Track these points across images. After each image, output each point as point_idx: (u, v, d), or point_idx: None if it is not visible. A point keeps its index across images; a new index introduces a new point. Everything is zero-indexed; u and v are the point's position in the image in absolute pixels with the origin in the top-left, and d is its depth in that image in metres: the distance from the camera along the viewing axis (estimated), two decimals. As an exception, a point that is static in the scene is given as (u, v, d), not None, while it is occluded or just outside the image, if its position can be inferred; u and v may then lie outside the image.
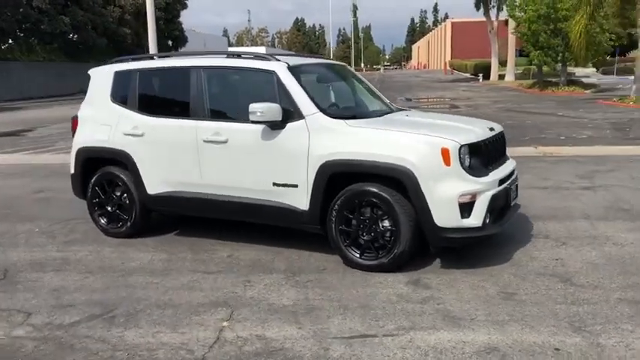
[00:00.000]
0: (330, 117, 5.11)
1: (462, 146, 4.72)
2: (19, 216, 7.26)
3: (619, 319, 3.92)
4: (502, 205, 5.08)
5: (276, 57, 5.54)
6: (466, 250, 5.26)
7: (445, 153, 4.66)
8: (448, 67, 63.78)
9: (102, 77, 6.30)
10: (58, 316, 4.27)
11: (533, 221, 6.28)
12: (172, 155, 5.68)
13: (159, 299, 4.52)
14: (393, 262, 4.85)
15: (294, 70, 5.34)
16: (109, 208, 6.16)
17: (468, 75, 54.45)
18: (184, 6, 54.31)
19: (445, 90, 34.71)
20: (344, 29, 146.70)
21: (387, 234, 4.84)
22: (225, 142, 5.37)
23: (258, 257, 5.42)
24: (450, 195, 4.64)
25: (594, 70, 47.86)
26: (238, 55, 5.73)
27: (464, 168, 4.72)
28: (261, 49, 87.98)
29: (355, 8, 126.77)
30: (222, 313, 4.22)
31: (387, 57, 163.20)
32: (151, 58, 6.25)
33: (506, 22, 42.50)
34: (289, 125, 5.11)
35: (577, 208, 6.84)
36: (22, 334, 3.99)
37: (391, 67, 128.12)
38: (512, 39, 41.14)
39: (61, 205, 7.76)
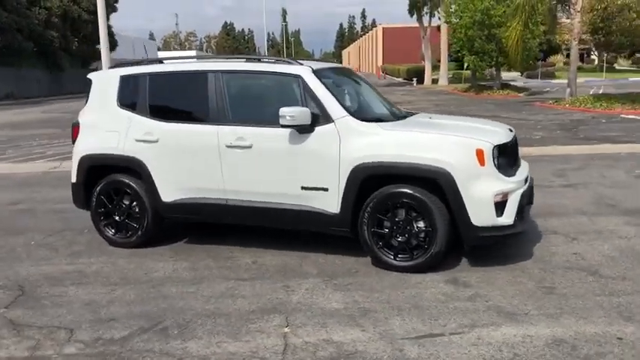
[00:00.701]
0: (359, 120, 5.14)
1: (494, 147, 4.87)
2: (6, 229, 6.86)
3: (660, 307, 4.17)
4: (524, 204, 5.27)
5: (299, 61, 5.53)
6: (486, 248, 5.39)
7: (480, 154, 4.80)
8: (381, 72, 65.00)
9: (105, 82, 6.07)
10: (104, 330, 4.09)
11: (533, 218, 6.52)
12: (191, 161, 5.55)
13: (204, 309, 4.41)
14: (428, 263, 4.94)
15: (318, 74, 5.35)
16: (117, 218, 5.94)
17: (400, 79, 55.68)
18: (114, 9, 52.72)
19: (384, 94, 35.24)
20: (273, 33, 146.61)
21: (422, 235, 4.92)
22: (249, 146, 5.30)
23: (284, 262, 5.38)
24: (486, 194, 4.78)
25: (519, 74, 50.09)
26: (258, 60, 5.67)
27: (496, 168, 4.87)
28: (191, 54, 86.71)
29: (285, 13, 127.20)
30: (277, 320, 4.17)
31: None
32: (160, 62, 6.07)
33: (438, 28, 43.87)
34: (318, 129, 5.11)
35: (569, 205, 7.17)
36: (74, 352, 3.81)
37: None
38: (444, 44, 42.46)
39: (47, 216, 7.42)
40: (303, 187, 5.20)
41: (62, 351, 3.82)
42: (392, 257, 5.03)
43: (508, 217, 4.89)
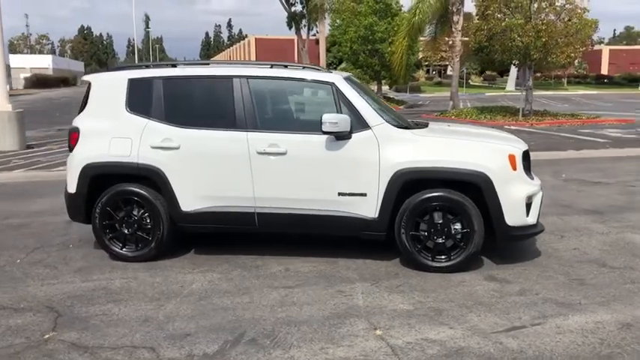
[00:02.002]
0: (395, 127, 5.32)
1: (522, 152, 5.29)
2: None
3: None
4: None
5: (326, 69, 5.60)
6: (489, 249, 5.72)
7: (512, 159, 5.19)
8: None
9: (110, 85, 5.70)
10: (190, 346, 3.89)
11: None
12: (216, 168, 5.39)
13: (276, 318, 4.33)
14: (465, 262, 5.23)
15: (348, 81, 5.46)
16: (126, 230, 5.58)
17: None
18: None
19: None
20: (134, 40, 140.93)
21: (459, 236, 5.20)
22: (284, 153, 5.27)
23: (317, 269, 5.40)
24: (519, 196, 5.17)
25: (388, 87, 52.78)
26: (285, 66, 5.64)
27: (525, 172, 5.29)
28: (47, 58, 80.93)
29: (147, 19, 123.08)
30: (361, 324, 4.22)
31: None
32: (174, 66, 5.80)
33: (317, 42, 44.97)
34: (356, 135, 5.21)
35: (532, 207, 7.84)
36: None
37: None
38: (323, 57, 43.62)
39: (8, 232, 6.75)
40: (340, 193, 5.27)
41: (163, 370, 3.58)
42: (430, 259, 5.25)
43: (533, 217, 5.32)
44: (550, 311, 4.41)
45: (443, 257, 5.24)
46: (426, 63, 65.01)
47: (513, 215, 5.17)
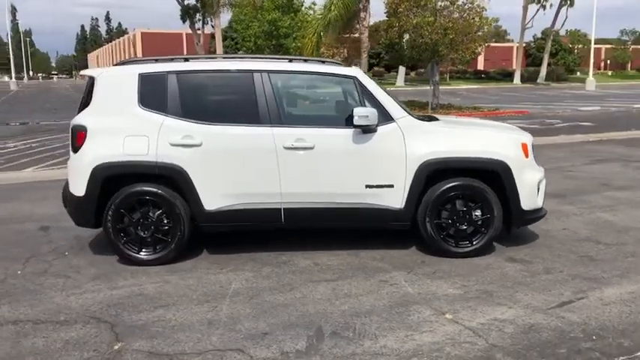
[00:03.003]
0: (416, 119, 5.51)
1: (532, 141, 5.67)
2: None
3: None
4: None
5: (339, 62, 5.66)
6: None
7: (524, 147, 5.55)
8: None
9: (118, 81, 5.39)
10: (276, 345, 3.83)
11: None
12: (242, 165, 5.28)
13: (341, 310, 4.36)
14: (485, 246, 5.53)
15: (367, 75, 5.56)
16: (143, 233, 5.32)
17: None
18: None
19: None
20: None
21: (479, 222, 5.49)
22: (311, 148, 5.28)
23: (345, 261, 5.46)
24: (532, 182, 5.55)
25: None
26: (304, 60, 5.62)
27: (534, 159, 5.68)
28: None
29: (14, 10, 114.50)
30: (426, 310, 4.35)
31: (53, 65, 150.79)
32: (185, 60, 5.58)
33: (212, 36, 44.25)
34: (381, 128, 5.33)
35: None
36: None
37: (63, 77, 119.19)
38: (220, 51, 42.99)
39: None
40: (367, 186, 5.36)
41: (269, 370, 3.52)
42: (454, 245, 5.49)
43: (541, 201, 5.73)
44: (583, 286, 4.79)
45: (466, 243, 5.49)
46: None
47: (528, 200, 5.53)
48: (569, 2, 54.44)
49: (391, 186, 5.36)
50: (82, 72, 5.93)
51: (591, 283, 4.86)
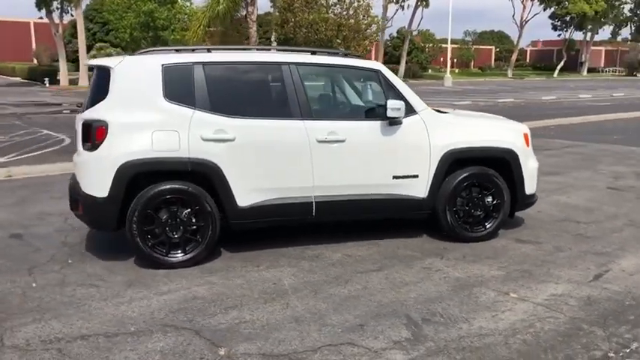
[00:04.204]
0: (435, 112, 5.75)
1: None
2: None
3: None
4: None
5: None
6: None
7: (526, 137, 6.01)
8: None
9: (139, 72, 5.02)
10: (382, 335, 3.87)
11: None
12: (276, 159, 5.18)
13: (412, 297, 4.47)
14: (496, 230, 5.92)
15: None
16: (172, 234, 5.03)
17: (19, 79, 50.04)
18: None
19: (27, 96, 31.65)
20: None
21: (491, 207, 5.86)
22: (343, 140, 5.31)
23: (373, 251, 5.53)
24: (533, 169, 6.03)
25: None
26: (328, 53, 5.60)
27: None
28: None
29: None
30: (488, 292, 4.59)
31: None
32: (208, 51, 5.30)
33: (74, 25, 41.31)
34: (406, 120, 5.49)
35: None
36: (422, 352, 3.61)
37: None
38: (82, 42, 40.30)
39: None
40: (394, 177, 5.51)
41: (411, 352, 3.56)
42: (469, 230, 5.81)
43: (536, 186, 6.23)
44: (599, 260, 5.31)
45: (480, 227, 5.83)
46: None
47: (530, 185, 6.00)
48: (424, 3, 57.99)
49: (416, 176, 5.54)
50: (91, 61, 5.41)
51: (602, 257, 5.40)
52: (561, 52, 72.08)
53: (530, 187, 5.99)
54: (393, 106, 5.24)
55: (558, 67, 69.08)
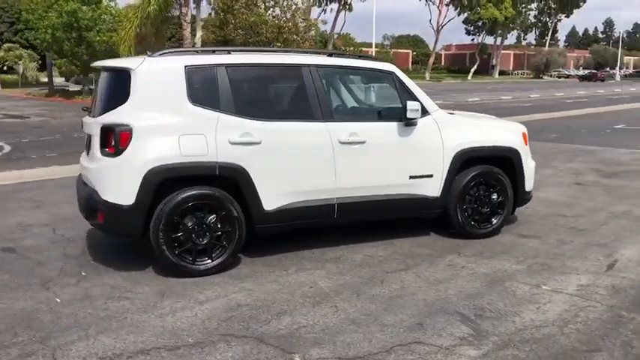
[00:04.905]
0: (445, 112, 5.90)
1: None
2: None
3: None
4: None
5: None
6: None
7: (524, 136, 6.28)
8: None
9: (161, 74, 4.84)
10: (443, 332, 3.94)
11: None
12: (301, 162, 5.14)
13: (455, 294, 4.56)
14: (500, 226, 6.14)
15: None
16: (199, 241, 4.88)
17: None
18: None
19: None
20: None
21: (496, 204, 6.08)
22: (363, 142, 5.35)
23: (392, 251, 5.60)
24: (532, 166, 6.31)
25: (63, 79, 48.71)
26: (342, 55, 5.61)
27: (527, 147, 6.45)
28: None
29: None
30: (522, 285, 4.75)
31: None
32: (228, 52, 5.17)
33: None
34: (420, 121, 5.60)
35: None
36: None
37: None
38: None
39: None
40: (411, 177, 5.60)
41: (481, 347, 3.64)
42: (477, 227, 6.00)
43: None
44: (604, 251, 5.63)
45: (486, 224, 6.03)
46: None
47: (529, 182, 6.27)
48: (347, 7, 58.94)
49: (430, 176, 5.66)
50: (104, 63, 5.13)
51: (605, 248, 5.72)
52: (474, 56, 75.29)
53: (529, 184, 6.25)
54: (413, 107, 5.32)
55: (472, 70, 72.07)
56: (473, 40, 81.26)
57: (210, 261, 4.90)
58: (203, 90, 4.86)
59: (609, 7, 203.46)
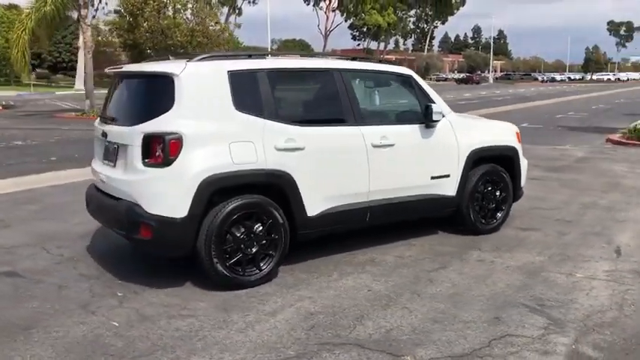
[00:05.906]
0: (456, 114, 6.15)
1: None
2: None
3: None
4: None
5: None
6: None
7: (518, 135, 6.67)
8: None
9: (209, 80, 4.64)
10: (523, 323, 4.11)
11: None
12: (339, 166, 5.14)
13: (504, 288, 4.77)
14: (503, 221, 6.49)
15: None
16: (249, 251, 4.74)
17: None
18: None
19: None
20: None
21: (500, 200, 6.42)
22: (392, 145, 5.45)
23: (418, 250, 5.72)
24: (525, 164, 6.71)
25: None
26: (364, 58, 5.66)
27: (519, 145, 6.85)
28: None
29: None
30: (557, 275, 5.04)
31: None
32: (263, 56, 5.03)
33: None
34: (438, 123, 5.81)
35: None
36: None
37: None
38: None
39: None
40: (432, 177, 5.78)
41: (569, 334, 3.85)
42: (485, 223, 6.30)
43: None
44: (603, 239, 6.10)
45: (493, 220, 6.34)
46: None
47: (523, 179, 6.67)
48: (237, 11, 58.62)
49: (448, 176, 5.86)
50: (131, 68, 4.77)
51: (602, 237, 6.21)
52: (360, 61, 77.52)
53: (523, 180, 6.65)
54: (437, 109, 5.50)
55: (361, 74, 74.18)
56: (358, 45, 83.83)
57: (258, 271, 4.75)
58: (246, 95, 4.71)
59: (477, 14, 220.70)
